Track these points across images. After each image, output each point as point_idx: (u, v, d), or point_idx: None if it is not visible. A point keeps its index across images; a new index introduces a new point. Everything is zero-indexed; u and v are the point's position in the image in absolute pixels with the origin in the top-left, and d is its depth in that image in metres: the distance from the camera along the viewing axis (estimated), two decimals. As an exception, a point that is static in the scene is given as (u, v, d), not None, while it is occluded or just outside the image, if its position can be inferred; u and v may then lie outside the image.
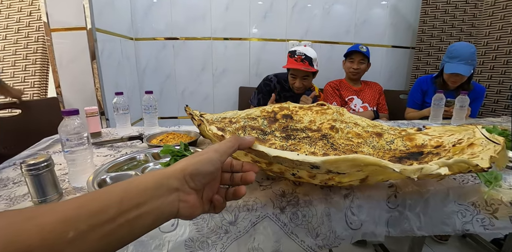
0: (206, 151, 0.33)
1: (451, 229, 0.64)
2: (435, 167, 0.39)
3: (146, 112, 1.02)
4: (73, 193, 0.58)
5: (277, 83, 1.62)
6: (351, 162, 0.38)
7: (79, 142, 0.59)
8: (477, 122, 1.40)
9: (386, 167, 0.37)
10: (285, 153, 0.37)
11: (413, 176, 0.37)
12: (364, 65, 1.73)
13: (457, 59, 1.43)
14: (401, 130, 0.88)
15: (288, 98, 1.59)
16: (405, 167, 0.37)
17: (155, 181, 0.29)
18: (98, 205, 0.25)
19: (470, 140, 0.57)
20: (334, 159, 0.37)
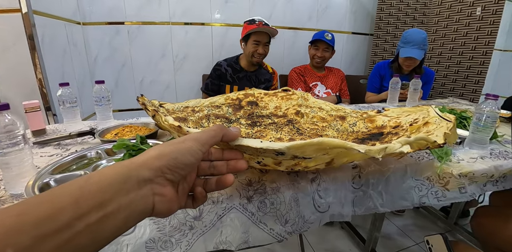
0: (184, 139, 0.28)
1: (410, 203, 0.68)
2: (398, 145, 0.39)
3: (98, 105, 0.92)
4: (10, 201, 0.50)
5: (228, 66, 1.61)
6: (317, 146, 0.37)
7: (13, 142, 0.51)
8: (428, 103, 1.52)
9: (352, 149, 0.37)
10: (247, 140, 0.34)
11: (378, 156, 0.38)
12: (328, 53, 1.76)
13: (410, 44, 1.53)
14: (362, 112, 0.91)
15: (242, 79, 1.63)
16: (370, 148, 0.37)
17: (121, 172, 0.24)
18: (46, 210, 0.19)
19: (425, 119, 0.60)
20: (299, 144, 0.36)
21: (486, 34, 1.90)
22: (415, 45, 1.52)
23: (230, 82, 1.61)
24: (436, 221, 1.63)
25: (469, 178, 0.69)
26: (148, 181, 0.25)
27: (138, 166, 0.25)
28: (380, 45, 2.27)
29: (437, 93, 2.17)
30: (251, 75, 1.64)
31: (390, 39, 2.25)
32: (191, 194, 0.31)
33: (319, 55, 1.75)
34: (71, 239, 0.19)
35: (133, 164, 0.25)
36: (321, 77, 1.85)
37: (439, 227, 1.59)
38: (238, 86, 1.61)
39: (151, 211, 0.25)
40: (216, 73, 1.61)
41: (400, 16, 2.21)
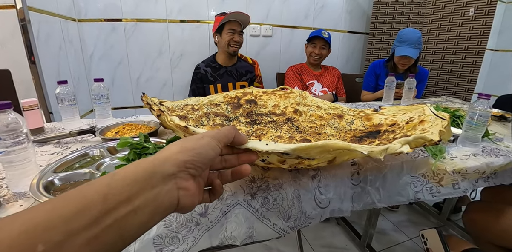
0: (202, 135, 0.30)
1: (405, 199, 0.70)
2: (398, 146, 0.41)
3: (97, 103, 0.92)
4: (14, 200, 0.50)
5: (206, 67, 1.61)
6: (321, 148, 0.38)
7: (16, 141, 0.51)
8: (423, 102, 1.55)
9: (355, 151, 0.38)
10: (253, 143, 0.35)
11: (380, 156, 0.39)
12: (325, 51, 1.77)
13: (406, 43, 1.56)
14: (359, 111, 0.92)
15: (223, 76, 1.64)
16: (372, 149, 0.39)
17: (146, 168, 0.24)
18: (75, 206, 0.20)
19: (421, 117, 0.62)
20: (304, 147, 0.37)
21: (479, 34, 1.94)
22: (410, 44, 1.55)
23: (213, 82, 1.60)
24: (429, 216, 1.67)
25: (462, 174, 0.72)
26: (172, 176, 0.25)
27: (162, 162, 0.25)
28: (376, 44, 2.30)
29: (431, 92, 2.21)
30: (231, 70, 1.64)
31: (385, 38, 2.28)
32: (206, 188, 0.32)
33: (317, 52, 1.75)
34: (99, 234, 0.20)
35: (157, 160, 0.25)
36: (318, 76, 1.86)
37: (432, 222, 1.63)
38: (221, 84, 1.61)
39: (176, 205, 0.26)
40: (197, 76, 1.60)
41: (395, 15, 2.23)
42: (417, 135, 0.45)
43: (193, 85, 1.64)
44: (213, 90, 1.60)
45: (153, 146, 0.50)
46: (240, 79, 1.66)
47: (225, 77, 1.63)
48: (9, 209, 0.48)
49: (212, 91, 1.60)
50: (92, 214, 0.20)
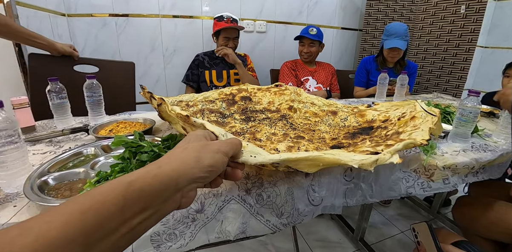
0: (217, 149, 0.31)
1: (397, 193, 0.72)
2: (387, 156, 0.42)
3: (90, 100, 0.91)
4: (7, 200, 0.49)
5: (204, 55, 1.75)
6: (311, 161, 0.39)
7: (8, 141, 0.50)
8: (414, 98, 1.57)
9: (346, 165, 0.39)
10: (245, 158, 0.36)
11: (370, 168, 0.40)
12: (314, 48, 1.77)
13: (393, 35, 1.60)
14: (353, 107, 0.94)
15: (218, 64, 1.74)
16: (362, 162, 0.40)
17: (164, 182, 0.25)
18: (94, 219, 0.20)
19: (412, 113, 0.63)
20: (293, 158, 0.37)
21: (470, 31, 1.97)
22: (398, 37, 1.59)
23: (208, 68, 1.72)
24: (420, 210, 1.72)
25: (452, 169, 0.74)
26: (183, 188, 0.27)
27: (179, 176, 0.27)
28: (369, 41, 2.31)
29: (422, 88, 2.24)
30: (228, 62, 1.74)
31: (378, 34, 2.29)
32: None
33: (305, 51, 1.77)
34: (115, 242, 0.21)
35: (175, 174, 0.26)
36: (312, 72, 1.87)
37: (423, 216, 1.67)
38: (216, 70, 1.73)
39: (176, 209, 0.28)
40: (194, 63, 1.73)
41: (388, 12, 2.24)
42: (406, 142, 0.46)
43: (188, 71, 1.75)
44: (208, 75, 1.72)
45: (148, 144, 0.50)
46: (234, 67, 1.75)
47: (220, 65, 1.74)
48: (2, 210, 0.47)
49: (207, 76, 1.72)
50: (111, 226, 0.21)
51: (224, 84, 1.72)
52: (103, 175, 0.47)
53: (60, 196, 0.47)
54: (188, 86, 1.75)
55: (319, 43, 1.77)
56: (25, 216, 0.46)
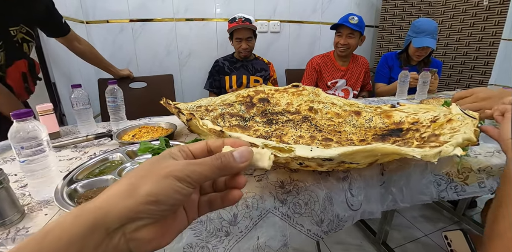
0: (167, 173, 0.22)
1: (429, 197, 0.68)
2: (450, 148, 0.39)
3: (112, 105, 0.92)
4: (38, 208, 0.50)
5: (224, 61, 1.73)
6: (369, 152, 0.37)
7: (38, 149, 0.50)
8: (437, 95, 1.51)
9: (407, 155, 0.37)
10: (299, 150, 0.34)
11: (434, 160, 0.38)
12: (353, 40, 1.54)
13: (423, 33, 1.50)
14: (376, 107, 0.90)
15: (239, 68, 1.72)
16: (425, 153, 0.37)
17: (86, 223, 0.19)
18: None
19: (448, 116, 0.60)
20: (351, 151, 0.35)
21: (494, 24, 1.88)
22: (428, 35, 1.49)
23: (228, 73, 1.71)
24: (442, 211, 1.65)
25: (487, 172, 0.70)
26: (120, 228, 0.20)
27: (107, 213, 0.20)
28: (386, 37, 2.25)
29: (444, 84, 2.16)
30: (247, 64, 1.73)
31: (395, 30, 2.23)
32: None
33: (342, 42, 1.53)
34: None
35: (99, 210, 0.20)
36: (344, 71, 1.66)
37: (447, 217, 1.61)
38: (236, 75, 1.70)
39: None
40: (215, 69, 1.72)
41: (405, 7, 2.17)
42: (465, 136, 0.43)
43: (210, 78, 1.75)
44: (228, 81, 1.70)
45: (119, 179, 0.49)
46: (255, 74, 1.72)
47: (241, 70, 1.72)
48: (34, 218, 0.48)
49: (227, 82, 1.70)
50: None
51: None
52: (133, 183, 0.46)
53: (90, 204, 0.47)
54: (211, 92, 1.77)
55: (359, 34, 1.54)
56: (57, 224, 0.46)
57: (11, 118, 0.50)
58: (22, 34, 0.92)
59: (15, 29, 0.89)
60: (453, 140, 0.42)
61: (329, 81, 1.66)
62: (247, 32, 1.60)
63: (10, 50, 0.90)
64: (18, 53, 0.94)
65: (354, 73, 1.68)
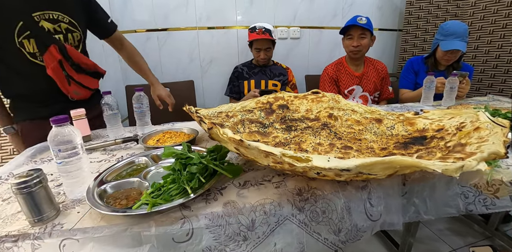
0: None
1: (455, 210, 0.65)
2: (474, 163, 0.38)
3: (138, 111, 0.97)
4: (71, 206, 0.54)
5: (243, 66, 1.78)
6: (387, 164, 0.36)
7: (73, 152, 0.55)
8: (466, 101, 1.43)
9: (427, 168, 0.36)
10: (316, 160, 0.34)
11: (455, 175, 0.37)
12: (365, 40, 1.49)
13: (452, 36, 1.42)
14: (398, 114, 0.88)
15: (257, 73, 1.76)
16: (446, 167, 0.36)
17: None
18: None
19: (475, 124, 0.57)
20: (368, 163, 0.35)
21: (529, 25, 1.77)
22: (458, 37, 1.41)
23: (247, 78, 1.75)
24: (473, 225, 1.54)
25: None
26: None
27: None
28: (410, 41, 2.18)
29: (474, 89, 2.05)
30: (266, 69, 1.76)
31: (420, 34, 2.15)
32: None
33: (355, 44, 1.49)
34: None
35: None
36: (359, 77, 1.60)
37: (477, 232, 1.51)
38: (254, 80, 1.74)
39: None
40: (234, 75, 1.78)
41: (431, 9, 2.10)
42: (491, 150, 0.41)
43: (230, 84, 1.80)
44: (247, 86, 1.74)
45: (197, 156, 0.52)
46: (273, 78, 1.75)
47: (259, 75, 1.75)
48: (68, 215, 0.52)
49: (245, 87, 1.74)
50: None
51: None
52: (157, 186, 0.49)
53: (118, 205, 0.51)
54: (231, 98, 1.81)
55: (370, 34, 1.49)
56: (87, 222, 0.49)
57: (51, 123, 0.55)
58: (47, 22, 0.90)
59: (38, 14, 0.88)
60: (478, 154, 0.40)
61: (345, 89, 1.61)
62: (266, 43, 1.65)
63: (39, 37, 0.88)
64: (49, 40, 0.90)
65: (371, 78, 1.62)
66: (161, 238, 0.43)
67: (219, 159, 0.55)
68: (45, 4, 0.89)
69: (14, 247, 0.48)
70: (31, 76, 0.93)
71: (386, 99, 1.71)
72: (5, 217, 0.53)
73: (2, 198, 0.61)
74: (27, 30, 0.86)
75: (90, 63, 1.02)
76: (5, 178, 0.72)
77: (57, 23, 0.92)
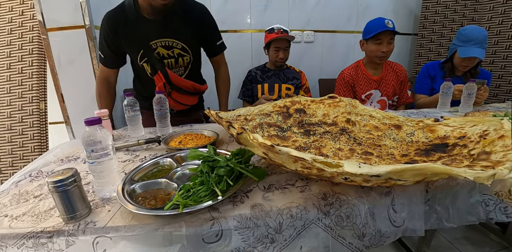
0: None
1: (476, 218, 0.65)
2: (506, 171, 0.38)
3: (158, 113, 1.00)
4: (101, 205, 0.56)
5: (257, 70, 1.79)
6: (418, 171, 0.37)
7: (105, 152, 0.57)
8: (484, 108, 1.41)
9: (458, 176, 0.37)
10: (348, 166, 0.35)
11: (487, 182, 0.37)
12: (393, 45, 1.46)
13: (471, 42, 1.39)
14: (417, 121, 0.88)
15: (271, 77, 1.77)
16: (478, 175, 0.37)
17: None
18: None
19: (499, 132, 0.57)
20: (399, 169, 0.36)
21: (550, 30, 1.73)
22: (477, 44, 1.38)
23: (261, 82, 1.77)
24: (489, 235, 1.51)
25: (544, 194, 0.64)
26: None
27: None
28: (425, 45, 2.16)
29: (492, 95, 2.01)
30: (279, 73, 1.77)
31: (436, 38, 2.13)
32: None
33: (385, 49, 1.43)
34: None
35: None
36: (378, 82, 1.55)
37: (495, 241, 1.47)
38: (268, 84, 1.76)
39: None
40: (248, 79, 1.80)
41: (447, 13, 2.08)
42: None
43: (243, 87, 1.82)
44: (260, 89, 1.76)
45: (223, 159, 0.53)
46: (286, 82, 1.77)
47: (272, 79, 1.77)
48: (99, 214, 0.54)
49: (259, 90, 1.76)
50: None
51: (276, 98, 1.73)
52: (187, 187, 0.51)
53: (147, 205, 0.52)
54: (244, 101, 1.84)
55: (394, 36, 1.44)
56: (118, 221, 0.51)
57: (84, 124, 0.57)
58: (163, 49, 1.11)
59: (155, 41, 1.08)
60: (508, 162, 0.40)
61: (362, 94, 1.56)
62: (285, 42, 1.67)
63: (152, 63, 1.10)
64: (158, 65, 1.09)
65: (389, 82, 1.57)
66: (191, 238, 0.45)
67: (244, 163, 0.57)
68: (164, 33, 1.08)
69: (48, 243, 0.50)
70: (149, 86, 1.17)
71: (405, 104, 1.66)
72: (38, 214, 0.55)
73: (33, 195, 0.63)
74: (145, 57, 1.11)
75: (188, 85, 1.19)
76: (35, 175, 0.75)
77: (171, 49, 1.12)
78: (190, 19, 1.12)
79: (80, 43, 1.48)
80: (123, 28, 1.05)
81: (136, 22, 1.03)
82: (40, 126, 1.60)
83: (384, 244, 0.49)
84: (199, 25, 1.15)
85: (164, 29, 1.07)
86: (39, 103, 1.59)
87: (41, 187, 0.67)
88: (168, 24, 1.06)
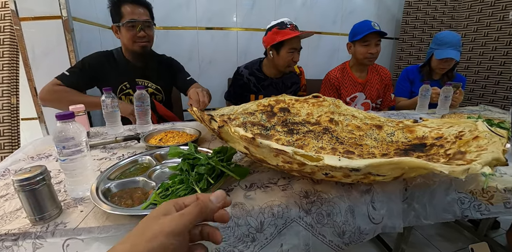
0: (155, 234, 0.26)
1: (452, 216, 0.67)
2: (479, 166, 0.40)
3: (139, 109, 0.96)
4: (74, 205, 0.53)
5: (250, 75, 1.46)
6: (395, 165, 0.37)
7: (78, 149, 0.54)
8: (459, 110, 1.48)
9: (434, 170, 0.38)
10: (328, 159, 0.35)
11: (461, 176, 0.38)
12: (380, 46, 1.47)
13: (446, 45, 1.46)
14: (397, 121, 0.90)
15: (267, 87, 1.49)
16: (453, 169, 0.38)
17: None
18: None
19: (474, 133, 0.59)
20: (377, 163, 0.36)
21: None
22: (452, 46, 1.45)
23: (255, 92, 1.49)
24: (463, 231, 1.58)
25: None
26: None
27: None
28: (406, 50, 2.23)
29: (466, 99, 2.11)
30: (278, 82, 1.51)
31: (416, 43, 2.21)
32: None
33: (374, 51, 1.44)
34: None
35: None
36: (363, 85, 1.56)
37: (467, 238, 1.54)
38: (263, 95, 1.49)
39: None
40: (238, 82, 1.49)
41: (427, 19, 2.16)
42: (495, 156, 0.43)
43: (231, 87, 1.56)
44: (254, 99, 1.52)
45: (204, 157, 0.52)
46: (285, 91, 1.53)
47: (270, 89, 1.50)
48: (71, 214, 0.51)
49: (252, 100, 1.50)
50: None
51: None
52: (165, 186, 0.49)
53: (123, 204, 0.50)
54: (228, 101, 1.63)
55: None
56: (91, 221, 0.49)
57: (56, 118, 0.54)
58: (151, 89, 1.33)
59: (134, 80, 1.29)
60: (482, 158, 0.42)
61: (347, 97, 1.56)
62: (299, 42, 1.35)
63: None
64: None
65: (374, 85, 1.59)
66: (168, 238, 0.43)
67: (226, 161, 0.55)
68: (141, 74, 1.31)
69: (14, 246, 0.46)
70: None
71: (388, 107, 1.69)
72: (3, 215, 0.51)
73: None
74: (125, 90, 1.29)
75: (170, 115, 1.32)
76: (1, 174, 0.70)
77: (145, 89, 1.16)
78: (161, 65, 1.38)
79: (56, 34, 1.40)
80: (108, 65, 1.25)
81: (121, 62, 1.27)
82: (11, 122, 1.50)
83: (364, 241, 0.50)
84: (170, 69, 1.40)
85: (142, 71, 1.30)
86: (10, 98, 1.49)
87: (7, 186, 0.62)
88: (146, 68, 1.31)
